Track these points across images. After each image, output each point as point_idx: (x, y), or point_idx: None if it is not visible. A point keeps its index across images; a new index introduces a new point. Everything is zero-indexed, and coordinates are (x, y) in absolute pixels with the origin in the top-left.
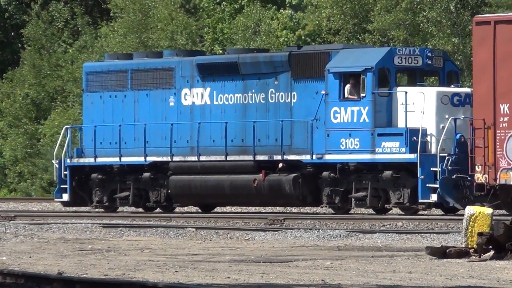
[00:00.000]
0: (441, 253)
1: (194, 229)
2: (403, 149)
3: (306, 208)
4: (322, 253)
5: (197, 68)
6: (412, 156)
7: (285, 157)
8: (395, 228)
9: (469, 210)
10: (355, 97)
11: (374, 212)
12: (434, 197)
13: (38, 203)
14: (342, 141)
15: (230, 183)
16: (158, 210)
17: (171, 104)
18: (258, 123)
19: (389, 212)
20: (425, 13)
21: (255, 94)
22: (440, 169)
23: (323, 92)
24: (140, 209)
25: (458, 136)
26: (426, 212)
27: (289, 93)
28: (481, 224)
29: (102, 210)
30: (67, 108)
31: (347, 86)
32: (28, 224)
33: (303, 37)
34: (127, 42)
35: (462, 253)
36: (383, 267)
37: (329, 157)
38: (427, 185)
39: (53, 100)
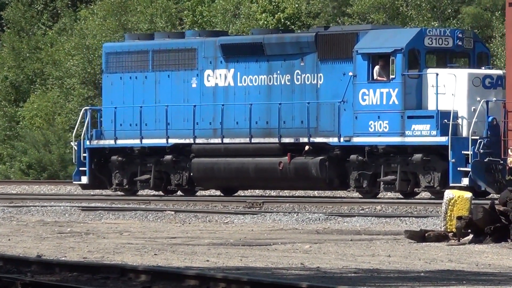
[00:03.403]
0: (420, 237)
1: (173, 212)
2: (434, 132)
3: (285, 191)
4: (301, 237)
5: (221, 48)
6: (443, 139)
7: (311, 139)
8: (374, 211)
9: (448, 194)
10: (384, 79)
11: (352, 196)
12: (465, 181)
13: (17, 185)
14: (371, 124)
15: (255, 166)
16: (179, 193)
17: (194, 85)
18: (284, 105)
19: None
20: None
21: (280, 76)
22: (471, 153)
23: (350, 73)
24: (160, 192)
25: (490, 119)
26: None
27: (315, 75)
28: (460, 208)
29: (122, 193)
30: (46, 91)
31: (376, 68)
32: (7, 207)
33: (282, 20)
34: (106, 25)
35: (441, 237)
36: (362, 251)
37: (357, 140)
38: (458, 168)
39: (32, 83)
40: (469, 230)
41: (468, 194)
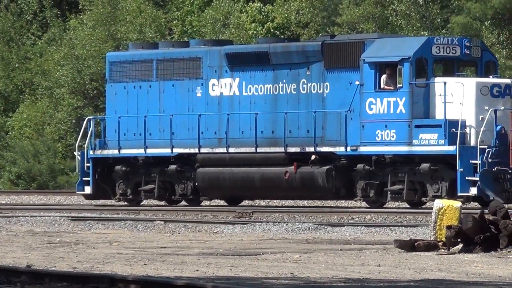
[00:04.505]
0: (410, 246)
1: (162, 222)
2: (442, 141)
3: (275, 201)
4: (291, 246)
5: (226, 57)
6: (451, 148)
7: (317, 149)
8: (363, 221)
9: (438, 203)
10: (392, 88)
11: (341, 205)
12: (473, 191)
13: (6, 196)
14: (378, 133)
15: (261, 176)
16: (183, 203)
17: (198, 94)
18: (290, 114)
19: (359, 205)
20: (394, 6)
21: (286, 85)
22: (480, 162)
23: (357, 82)
24: (163, 202)
25: (498, 128)
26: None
27: (321, 84)
28: (449, 217)
29: (126, 203)
30: (35, 101)
31: (383, 77)
32: None
33: (272, 30)
34: (95, 35)
35: (430, 246)
36: (351, 260)
37: (364, 149)
38: (467, 178)
39: (21, 93)
40: (459, 240)
41: (458, 204)
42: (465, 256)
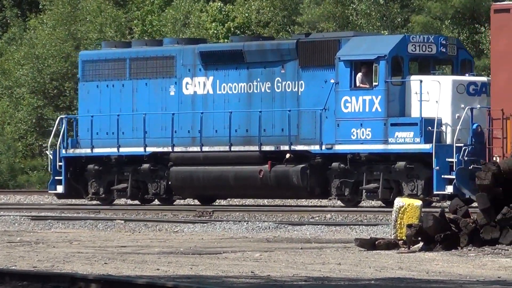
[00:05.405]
0: (370, 244)
1: (123, 221)
2: (418, 139)
3: (235, 200)
4: (251, 245)
5: (200, 56)
6: (427, 146)
7: (292, 147)
8: (324, 220)
9: (398, 202)
10: (367, 86)
11: (301, 204)
12: (449, 189)
13: None
14: (353, 131)
15: (235, 175)
16: (156, 202)
17: (172, 93)
18: (264, 112)
19: (319, 204)
20: (354, 6)
21: (261, 83)
22: (456, 160)
23: (332, 80)
24: (137, 201)
25: (474, 126)
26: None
27: (296, 82)
28: (410, 215)
29: (98, 202)
30: None
31: (359, 75)
32: None
33: (232, 30)
34: (56, 34)
35: (391, 245)
36: (312, 259)
37: (339, 148)
38: (443, 176)
39: None
40: (419, 238)
41: (418, 202)
42: (426, 255)
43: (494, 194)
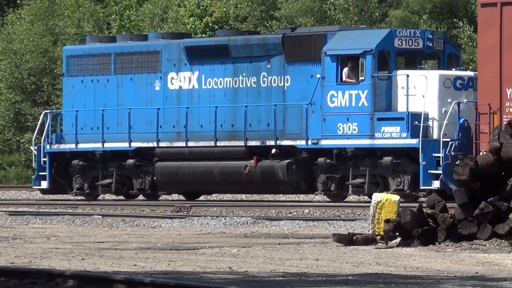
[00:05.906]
0: (348, 240)
1: (100, 217)
2: (404, 134)
3: (213, 195)
4: (229, 241)
5: (185, 51)
6: (413, 141)
7: (278, 142)
8: (301, 215)
9: (376, 197)
10: (353, 81)
11: (279, 199)
12: (436, 184)
13: None
14: (339, 126)
15: (220, 170)
16: (141, 197)
17: (157, 88)
18: (250, 107)
19: (297, 199)
20: (332, 0)
21: (246, 78)
22: (443, 155)
23: (318, 75)
24: (121, 197)
25: (461, 120)
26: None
27: (282, 77)
28: (388, 211)
29: (83, 197)
30: None
31: (345, 69)
32: None
33: (210, 24)
34: (34, 29)
35: (369, 240)
36: (290, 254)
37: (325, 143)
38: (429, 171)
39: None
40: (397, 233)
41: (396, 197)
42: (403, 250)
43: (471, 189)
